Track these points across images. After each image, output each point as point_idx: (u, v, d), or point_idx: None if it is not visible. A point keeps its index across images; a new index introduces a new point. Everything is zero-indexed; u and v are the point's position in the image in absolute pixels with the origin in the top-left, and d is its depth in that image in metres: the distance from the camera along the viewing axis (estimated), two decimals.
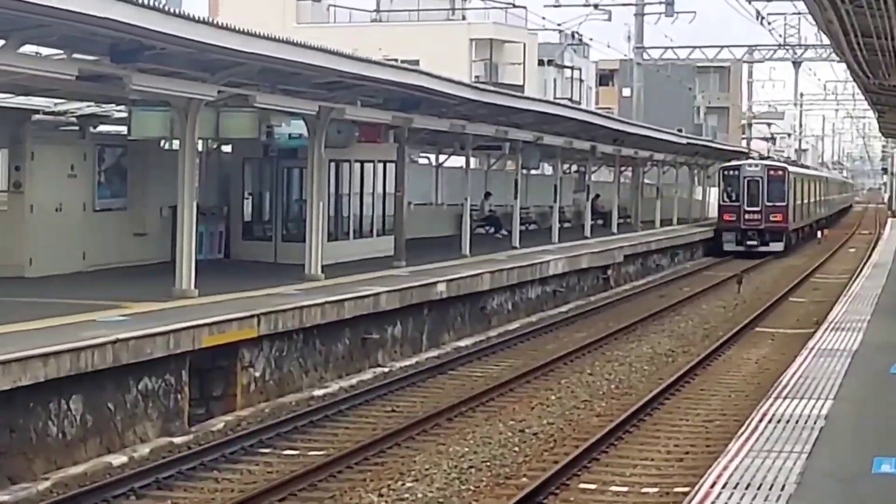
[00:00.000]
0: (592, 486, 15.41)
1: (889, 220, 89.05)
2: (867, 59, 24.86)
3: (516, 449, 17.40)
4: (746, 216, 60.78)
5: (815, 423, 13.64)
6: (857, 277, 38.15)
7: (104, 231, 27.40)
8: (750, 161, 67.27)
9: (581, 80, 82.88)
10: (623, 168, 59.22)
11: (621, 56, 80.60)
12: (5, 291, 20.16)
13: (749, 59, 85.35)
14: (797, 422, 13.73)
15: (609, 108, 79.13)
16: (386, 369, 24.56)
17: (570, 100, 70.13)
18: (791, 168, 67.65)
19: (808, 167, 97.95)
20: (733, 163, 65.18)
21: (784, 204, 61.64)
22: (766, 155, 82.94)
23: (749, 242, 61.01)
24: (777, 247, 61.35)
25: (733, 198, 61.23)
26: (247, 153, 31.23)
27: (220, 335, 19.54)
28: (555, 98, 65.28)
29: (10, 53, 17.65)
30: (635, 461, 16.84)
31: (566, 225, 51.81)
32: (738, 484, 10.83)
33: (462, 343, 28.57)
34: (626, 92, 77.54)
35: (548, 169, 56.42)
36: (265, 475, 15.92)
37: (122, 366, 17.08)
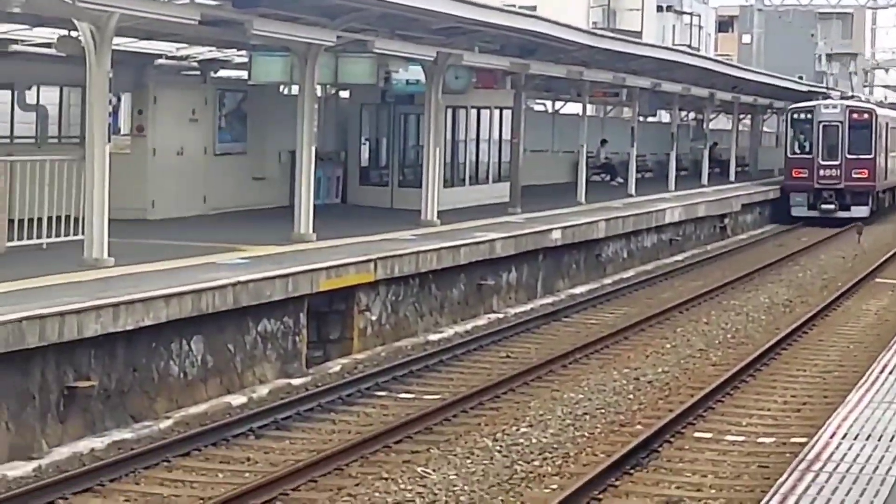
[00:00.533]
0: (708, 436, 15.35)
1: None
2: None
3: (631, 396, 17.39)
4: (821, 172, 46.69)
5: None
6: None
7: (224, 175, 27.74)
8: (827, 102, 51.47)
9: (700, 27, 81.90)
10: (742, 116, 58.29)
11: (742, 2, 79.49)
12: (128, 233, 20.42)
13: (873, 5, 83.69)
14: None
15: (728, 55, 78.10)
16: (500, 315, 24.65)
17: (689, 46, 69.31)
18: (881, 111, 52.05)
19: None
20: (804, 104, 50.55)
21: (871, 157, 47.15)
22: (849, 94, 62.67)
23: (824, 206, 46.97)
24: (861, 211, 46.81)
25: (805, 148, 47.53)
26: (364, 99, 31.38)
27: (338, 279, 19.72)
28: (673, 44, 64.54)
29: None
30: (751, 411, 16.75)
31: (683, 173, 51.08)
32: (857, 435, 10.74)
33: (577, 290, 28.56)
34: (746, 39, 76.58)
35: (664, 116, 55.90)
36: (381, 417, 16.08)
37: (241, 308, 17.34)
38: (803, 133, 48.29)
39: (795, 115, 49.21)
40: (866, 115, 48.66)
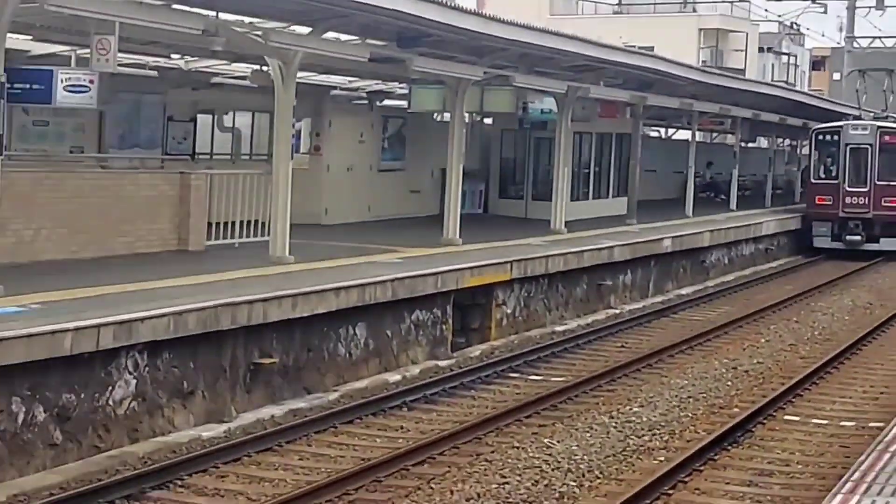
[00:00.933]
0: (796, 418, 15.16)
1: None
2: None
3: (729, 383, 17.19)
4: (847, 199, 35.23)
5: None
6: None
7: (385, 188, 27.99)
8: (856, 122, 37.54)
9: (796, 66, 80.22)
10: None
11: (833, 44, 77.83)
12: (305, 236, 20.69)
13: None
14: None
15: (820, 90, 76.41)
16: (617, 311, 24.49)
17: (786, 82, 67.96)
18: None
19: None
20: (830, 124, 37.89)
21: None
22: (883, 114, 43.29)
23: (850, 237, 35.36)
24: (892, 244, 35.29)
25: (832, 173, 35.97)
26: (504, 125, 31.42)
27: (479, 277, 19.78)
28: (772, 80, 63.39)
29: (316, 39, 18.18)
30: (835, 398, 16.48)
31: (778, 192, 50.05)
32: None
33: (683, 291, 28.26)
34: (837, 76, 74.84)
35: (763, 142, 54.95)
36: (514, 395, 16.12)
37: (398, 300, 17.53)
38: (829, 156, 36.64)
39: (820, 137, 37.23)
40: None
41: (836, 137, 36.42)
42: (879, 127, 36.65)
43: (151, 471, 11.76)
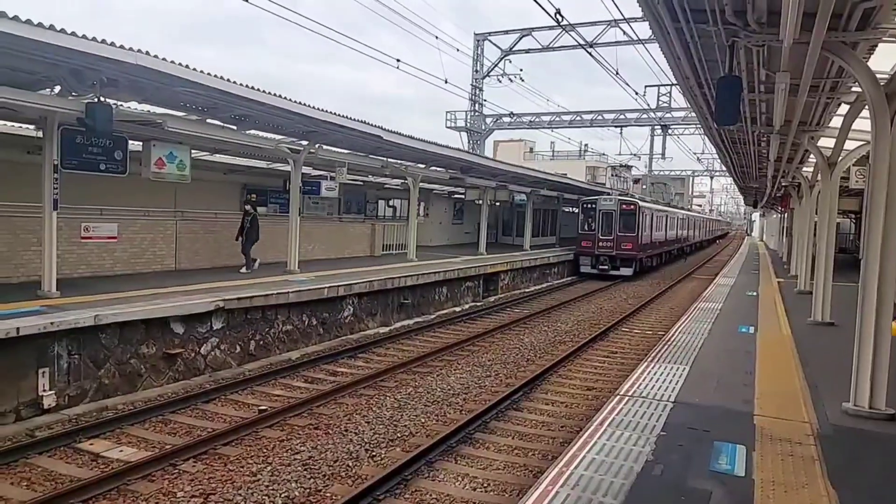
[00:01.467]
0: (626, 329, 14.66)
1: (745, 238, 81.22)
2: (740, 174, 22.80)
3: (599, 314, 16.68)
4: (600, 244, 26.83)
5: (715, 311, 12.69)
6: (731, 259, 34.99)
7: (455, 231, 27.71)
8: (606, 197, 28.61)
9: (626, 182, 78.64)
10: None
11: (644, 172, 76.19)
12: (421, 250, 20.62)
13: (692, 175, 79.37)
14: (709, 311, 12.81)
15: (636, 193, 74.69)
16: (551, 283, 23.90)
17: (622, 189, 66.44)
18: (643, 204, 28.91)
19: (673, 206, 48.15)
20: (591, 197, 27.91)
21: (634, 234, 26.77)
22: (625, 192, 37.46)
23: (601, 266, 26.84)
24: (627, 271, 26.48)
25: (592, 227, 26.71)
26: (504, 206, 30.80)
27: (493, 267, 19.47)
28: (615, 188, 62.10)
29: (426, 169, 17.97)
30: (643, 321, 15.83)
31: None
32: (685, 331, 10.21)
33: (567, 280, 27.58)
34: (644, 186, 73.26)
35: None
36: (508, 318, 15.72)
37: (460, 277, 17.24)
38: (590, 217, 26.88)
39: (585, 205, 27.18)
40: (632, 206, 27.68)
41: (594, 206, 27.56)
42: (620, 200, 28.53)
43: (358, 346, 11.78)
